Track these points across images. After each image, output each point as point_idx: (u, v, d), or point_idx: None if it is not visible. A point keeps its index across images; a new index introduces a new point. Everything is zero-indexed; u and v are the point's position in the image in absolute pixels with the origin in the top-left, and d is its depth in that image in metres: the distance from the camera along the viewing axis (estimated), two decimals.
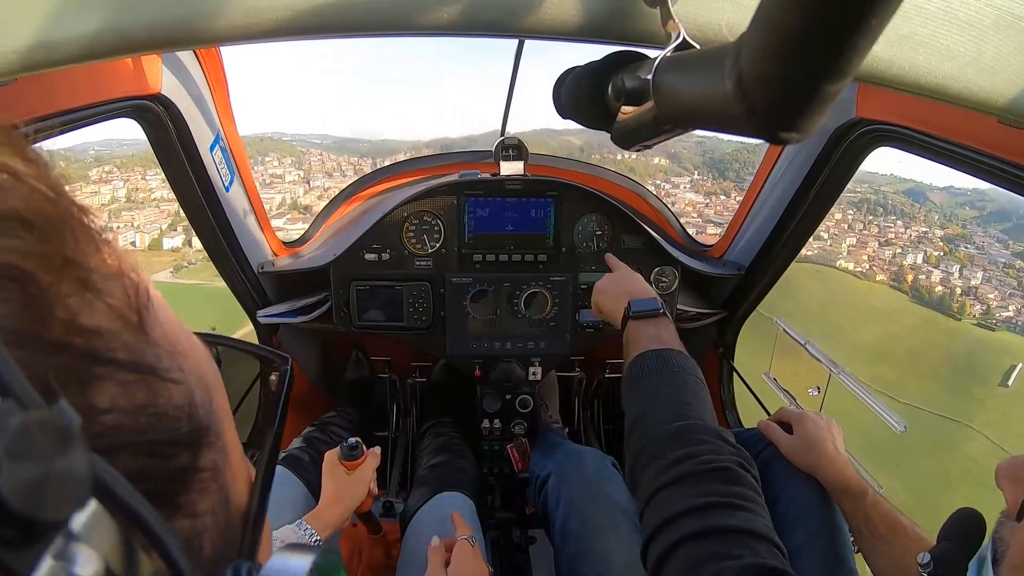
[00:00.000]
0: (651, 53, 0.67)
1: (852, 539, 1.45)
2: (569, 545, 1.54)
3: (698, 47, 0.62)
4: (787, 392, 2.34)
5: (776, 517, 1.50)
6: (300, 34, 0.67)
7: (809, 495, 1.50)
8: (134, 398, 0.29)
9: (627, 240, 2.17)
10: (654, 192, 2.80)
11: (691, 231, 2.66)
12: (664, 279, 2.21)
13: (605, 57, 0.73)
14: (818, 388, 2.17)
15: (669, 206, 2.80)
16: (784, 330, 2.32)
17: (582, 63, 0.79)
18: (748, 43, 0.41)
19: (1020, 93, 0.74)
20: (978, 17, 0.69)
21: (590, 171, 2.74)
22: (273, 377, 0.55)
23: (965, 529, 0.98)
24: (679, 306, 2.28)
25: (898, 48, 0.69)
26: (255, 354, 0.57)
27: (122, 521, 0.25)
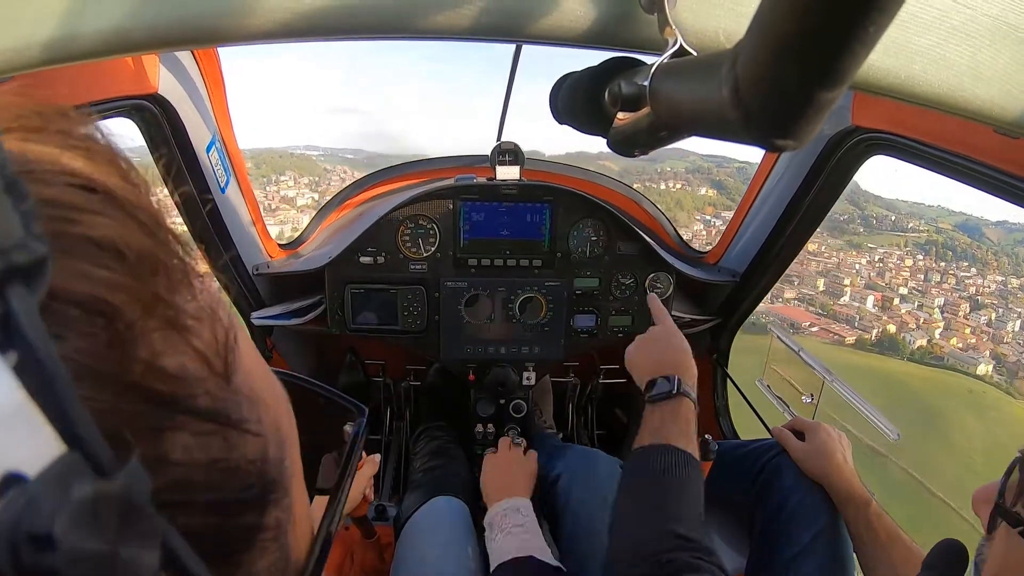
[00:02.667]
0: (648, 59, 0.67)
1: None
2: (578, 545, 1.56)
3: (695, 54, 0.62)
4: (780, 399, 2.35)
5: (783, 520, 1.54)
6: (299, 36, 0.67)
7: (815, 501, 1.53)
8: (208, 451, 0.27)
9: (622, 246, 2.17)
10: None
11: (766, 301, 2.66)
12: (659, 285, 2.21)
13: (602, 63, 0.73)
14: (811, 395, 2.18)
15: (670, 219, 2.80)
16: (778, 336, 2.32)
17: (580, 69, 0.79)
18: (744, 50, 0.41)
19: (1016, 103, 0.74)
20: (974, 26, 0.69)
21: (586, 176, 2.74)
22: (347, 427, 0.53)
23: (948, 559, 1.00)
24: (673, 312, 2.28)
25: (894, 57, 0.70)
26: (333, 401, 0.55)
27: None
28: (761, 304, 2.35)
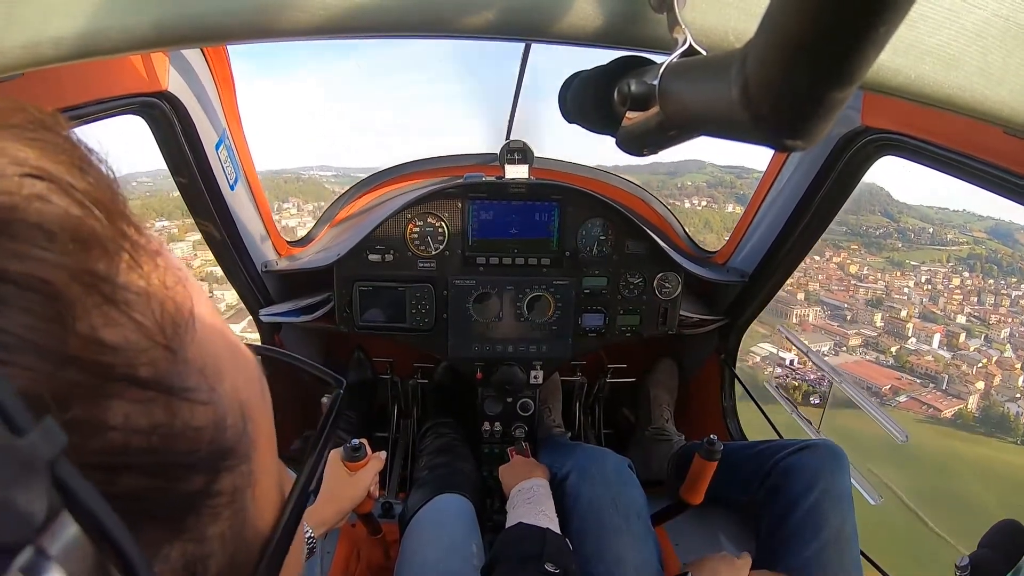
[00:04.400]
0: (657, 58, 0.67)
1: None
2: (585, 545, 1.57)
3: (704, 53, 0.62)
4: (789, 400, 2.34)
5: (791, 526, 1.54)
6: (308, 34, 0.67)
7: (823, 507, 1.53)
8: (150, 417, 0.28)
9: (631, 245, 2.17)
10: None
11: (827, 345, 2.63)
12: (667, 285, 2.21)
13: (611, 62, 0.73)
14: (820, 396, 2.17)
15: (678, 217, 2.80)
16: (786, 337, 2.32)
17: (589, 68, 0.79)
18: (754, 49, 0.41)
19: None
20: (985, 27, 0.69)
21: (595, 175, 2.74)
22: (324, 399, 0.54)
23: (1006, 540, 0.99)
24: (681, 312, 2.28)
25: (904, 56, 0.69)
26: (310, 373, 0.57)
27: (101, 546, 0.24)
28: (828, 358, 2.33)
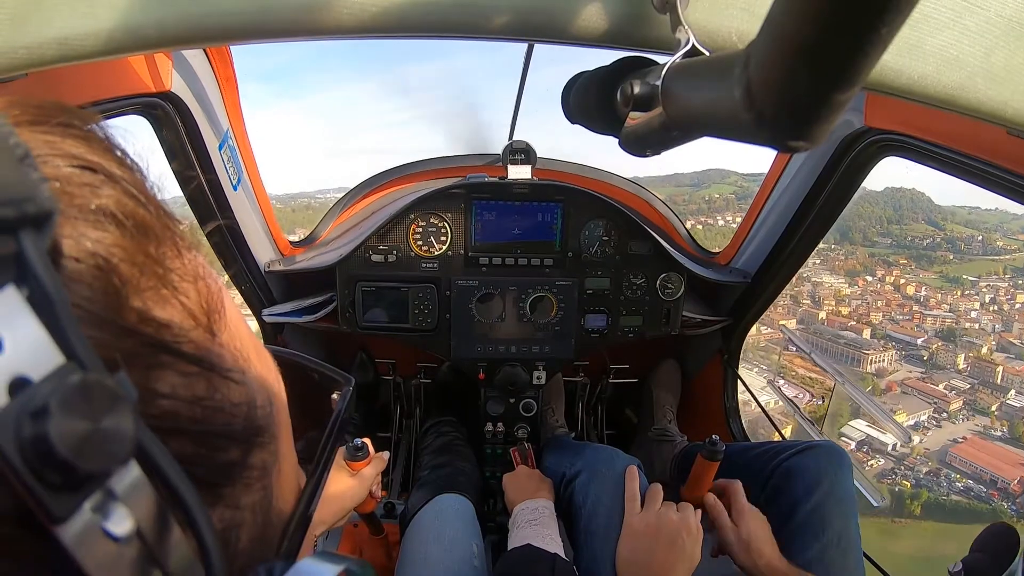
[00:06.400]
0: (660, 59, 0.67)
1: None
2: (592, 543, 1.57)
3: (707, 54, 0.62)
4: (791, 401, 2.34)
5: (793, 527, 1.53)
6: (311, 34, 0.67)
7: (826, 509, 1.52)
8: (193, 389, 0.31)
9: (633, 246, 2.17)
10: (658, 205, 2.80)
11: (924, 414, 2.62)
12: (670, 285, 2.21)
13: (614, 62, 0.73)
14: (823, 397, 2.17)
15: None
16: (790, 338, 2.32)
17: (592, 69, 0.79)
18: (757, 50, 0.41)
19: None
20: (987, 27, 0.68)
21: (598, 176, 2.74)
22: (335, 396, 0.58)
23: (998, 543, 0.99)
24: (684, 313, 2.28)
25: (907, 57, 0.69)
26: (321, 372, 0.61)
27: (163, 494, 0.27)
28: (936, 435, 2.29)
